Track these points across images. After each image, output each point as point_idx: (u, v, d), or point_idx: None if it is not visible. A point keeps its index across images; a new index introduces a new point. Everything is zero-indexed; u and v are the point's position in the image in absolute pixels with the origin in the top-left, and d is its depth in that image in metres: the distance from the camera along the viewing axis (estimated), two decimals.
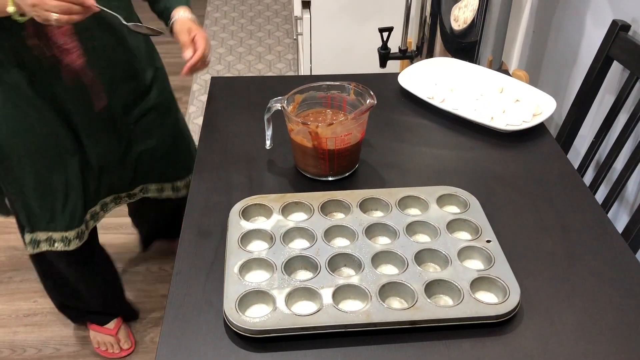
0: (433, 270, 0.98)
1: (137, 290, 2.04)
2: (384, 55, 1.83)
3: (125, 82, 1.40)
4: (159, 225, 2.01)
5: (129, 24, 1.13)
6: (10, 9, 1.03)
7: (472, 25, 1.69)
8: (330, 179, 1.19)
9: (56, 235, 1.43)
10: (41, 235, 1.44)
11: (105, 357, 1.85)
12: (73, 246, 1.46)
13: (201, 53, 1.23)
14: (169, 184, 1.64)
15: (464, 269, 0.96)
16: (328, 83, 1.20)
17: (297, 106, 1.19)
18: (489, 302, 0.91)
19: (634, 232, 1.34)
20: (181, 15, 1.30)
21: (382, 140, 1.32)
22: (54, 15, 0.99)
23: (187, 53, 1.23)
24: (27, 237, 1.45)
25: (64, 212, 1.41)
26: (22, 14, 1.04)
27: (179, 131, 1.62)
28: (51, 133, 1.33)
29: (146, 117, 1.49)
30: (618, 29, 1.46)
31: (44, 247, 1.45)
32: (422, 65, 1.54)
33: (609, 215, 1.53)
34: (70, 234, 1.44)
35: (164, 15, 1.34)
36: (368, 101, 1.14)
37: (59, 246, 1.45)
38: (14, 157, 1.33)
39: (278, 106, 1.16)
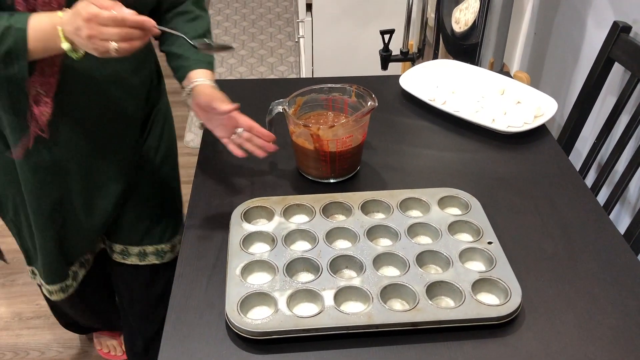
0: (434, 272, 0.98)
1: None
2: (386, 57, 1.84)
3: (114, 134, 1.25)
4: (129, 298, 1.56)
5: (196, 43, 1.00)
6: (65, 45, 0.93)
7: (473, 27, 1.69)
8: (332, 181, 1.19)
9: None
10: (36, 270, 1.40)
11: None
12: (55, 298, 1.37)
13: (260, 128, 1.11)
14: (152, 247, 1.41)
15: (466, 271, 0.96)
16: (329, 85, 1.20)
17: (299, 108, 1.19)
18: (490, 304, 0.91)
19: (636, 233, 1.34)
20: (202, 81, 1.12)
21: (383, 142, 1.32)
22: (114, 45, 0.89)
23: (227, 106, 1.07)
24: (28, 267, 1.41)
25: (44, 268, 1.33)
26: (76, 49, 0.94)
27: (171, 183, 1.43)
28: (33, 190, 1.22)
29: (142, 167, 1.33)
30: (619, 31, 1.47)
31: (39, 280, 1.41)
32: (424, 68, 1.54)
33: (611, 216, 1.52)
34: (53, 287, 1.35)
35: (178, 74, 1.17)
36: (369, 103, 1.14)
37: (44, 290, 1.39)
38: (10, 205, 1.27)
39: (279, 109, 1.16)
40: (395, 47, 1.84)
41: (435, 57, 1.79)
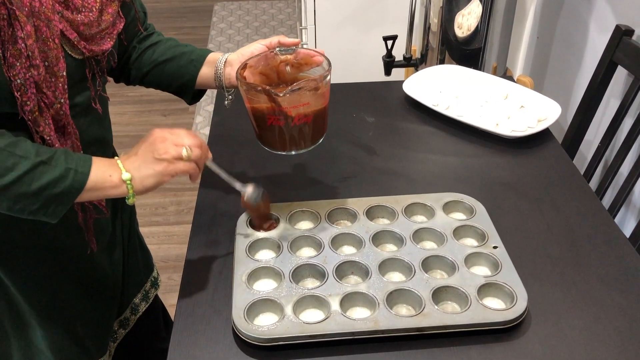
0: (440, 277, 0.98)
1: None
2: (389, 63, 1.84)
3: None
4: None
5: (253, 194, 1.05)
6: (125, 175, 0.86)
7: (476, 32, 1.70)
8: (292, 153, 1.07)
9: None
10: None
11: None
12: None
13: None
14: (127, 308, 1.24)
15: (471, 275, 0.97)
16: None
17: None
18: (496, 308, 0.91)
19: None
20: (226, 54, 1.10)
21: (387, 148, 1.32)
22: (187, 150, 0.89)
23: (293, 39, 1.05)
24: None
25: None
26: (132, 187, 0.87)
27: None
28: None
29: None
30: (622, 34, 1.47)
31: None
32: (427, 73, 1.54)
33: (616, 220, 1.52)
34: None
35: (193, 66, 1.10)
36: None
37: None
38: None
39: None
40: (398, 53, 1.84)
41: (438, 62, 1.79)
